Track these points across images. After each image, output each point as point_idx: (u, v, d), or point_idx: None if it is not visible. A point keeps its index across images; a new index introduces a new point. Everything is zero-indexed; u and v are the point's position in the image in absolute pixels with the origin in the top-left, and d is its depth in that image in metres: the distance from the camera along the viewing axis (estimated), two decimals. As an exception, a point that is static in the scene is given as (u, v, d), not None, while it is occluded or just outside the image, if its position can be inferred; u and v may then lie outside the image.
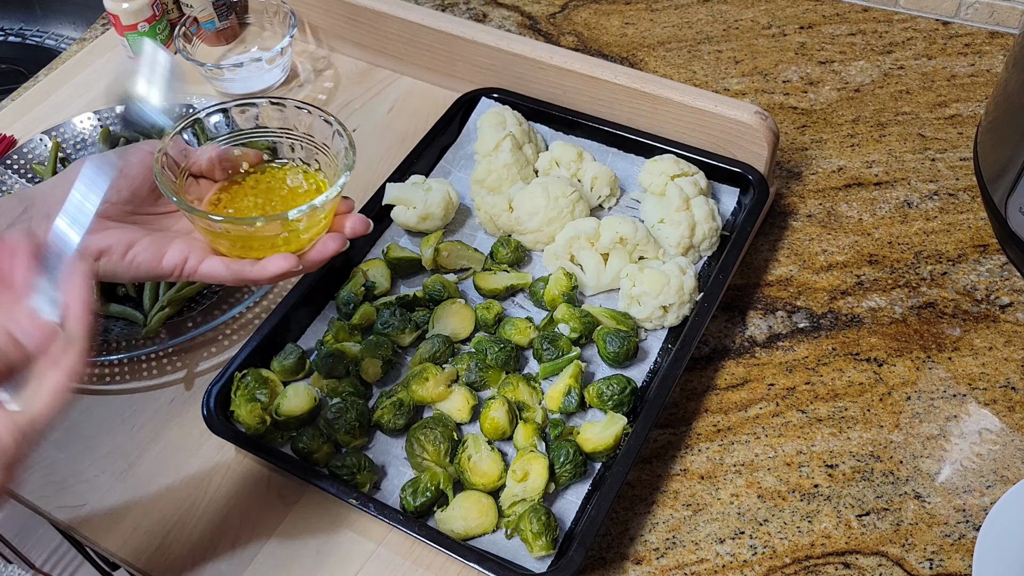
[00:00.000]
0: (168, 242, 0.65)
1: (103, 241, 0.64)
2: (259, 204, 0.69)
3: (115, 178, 0.62)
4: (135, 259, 0.64)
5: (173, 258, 0.65)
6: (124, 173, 0.66)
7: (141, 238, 0.65)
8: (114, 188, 0.63)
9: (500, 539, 0.73)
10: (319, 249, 0.66)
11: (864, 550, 0.74)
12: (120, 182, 0.65)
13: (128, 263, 0.64)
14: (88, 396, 0.85)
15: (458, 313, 0.85)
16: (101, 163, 0.61)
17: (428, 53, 1.08)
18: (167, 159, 0.66)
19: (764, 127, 0.90)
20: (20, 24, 1.53)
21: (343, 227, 0.68)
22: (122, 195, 0.66)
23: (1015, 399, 0.83)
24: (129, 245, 0.64)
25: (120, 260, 0.64)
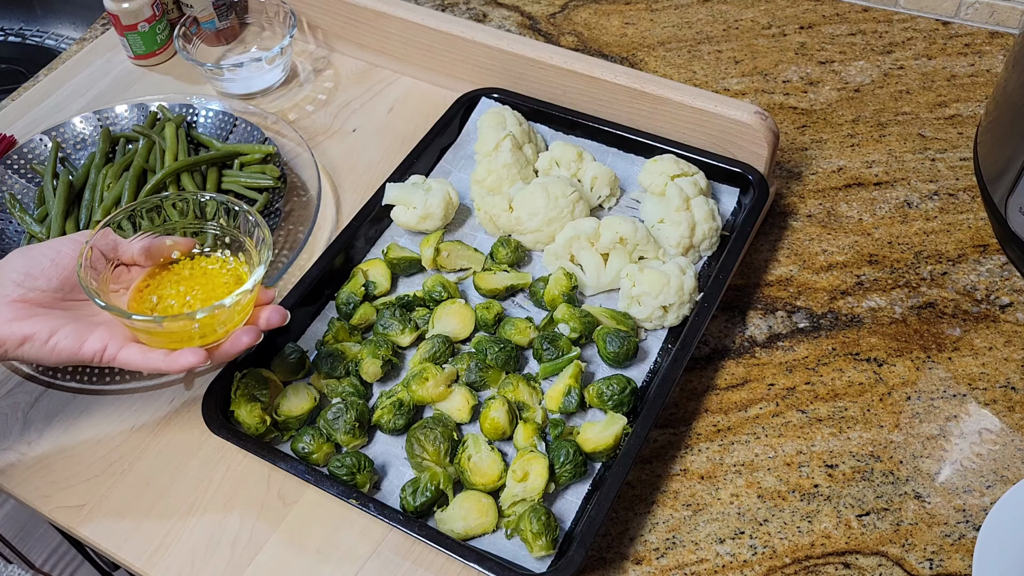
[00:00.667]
0: (90, 330, 0.70)
1: (28, 328, 0.68)
2: (181, 292, 0.73)
3: (47, 267, 0.69)
4: (56, 346, 0.69)
5: (93, 346, 0.69)
6: (56, 263, 0.71)
7: (64, 326, 0.69)
8: (44, 276, 0.70)
9: (500, 539, 0.73)
10: (231, 343, 0.71)
11: (864, 550, 0.74)
12: (51, 271, 0.70)
13: (50, 349, 0.69)
14: (88, 396, 0.85)
15: (458, 313, 0.85)
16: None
17: (428, 53, 1.08)
18: (92, 253, 0.71)
19: (764, 127, 0.90)
20: (20, 24, 1.52)
21: (259, 319, 0.73)
22: (52, 284, 0.71)
23: (1015, 399, 0.83)
24: (52, 332, 0.69)
25: (42, 346, 0.68)
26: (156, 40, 1.15)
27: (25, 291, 0.70)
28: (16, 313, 0.69)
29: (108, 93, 1.14)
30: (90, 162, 0.98)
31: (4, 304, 0.69)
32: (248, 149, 1.00)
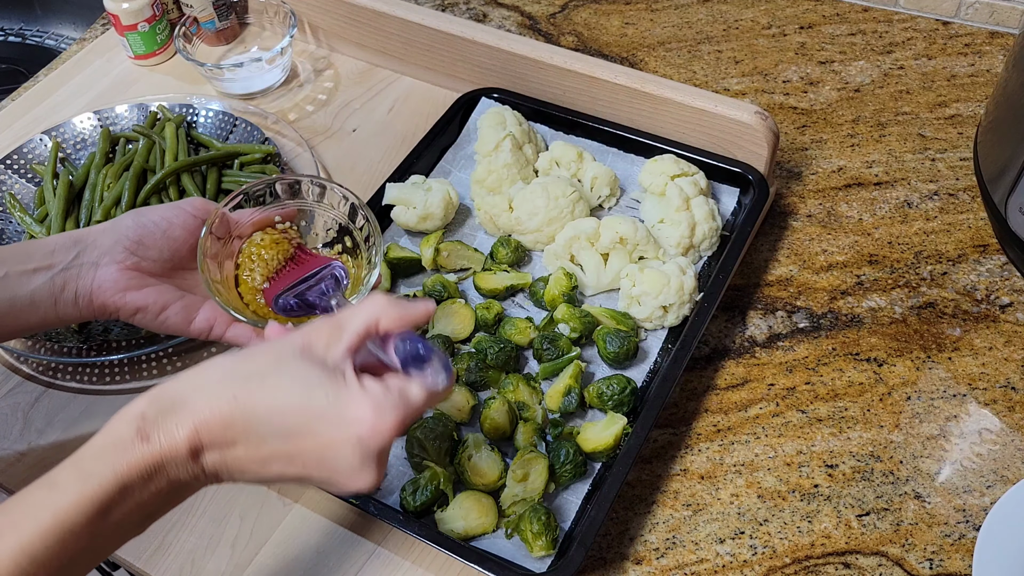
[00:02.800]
0: (197, 306, 0.73)
1: (141, 299, 0.71)
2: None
3: (158, 238, 0.71)
4: (167, 320, 0.72)
5: (200, 325, 0.73)
6: (167, 234, 0.72)
7: (174, 301, 0.72)
8: (156, 247, 0.72)
9: (500, 539, 0.73)
10: None
11: (864, 550, 0.74)
12: (162, 243, 0.72)
13: (160, 323, 0.72)
14: (88, 396, 0.85)
15: (458, 313, 0.85)
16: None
17: (428, 53, 1.08)
18: (216, 225, 0.72)
19: (764, 127, 0.90)
20: (20, 24, 1.52)
21: None
22: (163, 255, 0.73)
23: (1015, 399, 0.83)
24: (163, 307, 0.72)
25: (153, 319, 0.72)
26: (156, 40, 1.15)
27: (138, 260, 0.71)
28: (130, 282, 0.71)
29: (108, 93, 1.14)
30: (90, 162, 0.98)
31: (119, 270, 0.70)
32: (248, 149, 1.00)
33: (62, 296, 0.69)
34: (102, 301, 0.70)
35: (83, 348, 0.86)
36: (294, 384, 0.53)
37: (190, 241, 0.73)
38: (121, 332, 0.87)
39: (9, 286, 0.68)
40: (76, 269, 0.70)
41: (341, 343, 0.55)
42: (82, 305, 0.70)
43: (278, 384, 0.53)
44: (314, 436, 0.53)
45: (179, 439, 0.52)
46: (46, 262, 0.69)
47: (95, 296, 0.70)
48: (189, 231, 0.73)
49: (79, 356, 0.85)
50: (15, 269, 0.68)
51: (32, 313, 0.69)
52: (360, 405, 0.53)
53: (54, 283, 0.69)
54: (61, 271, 0.69)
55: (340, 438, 0.53)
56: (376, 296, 0.57)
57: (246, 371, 0.54)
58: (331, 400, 0.53)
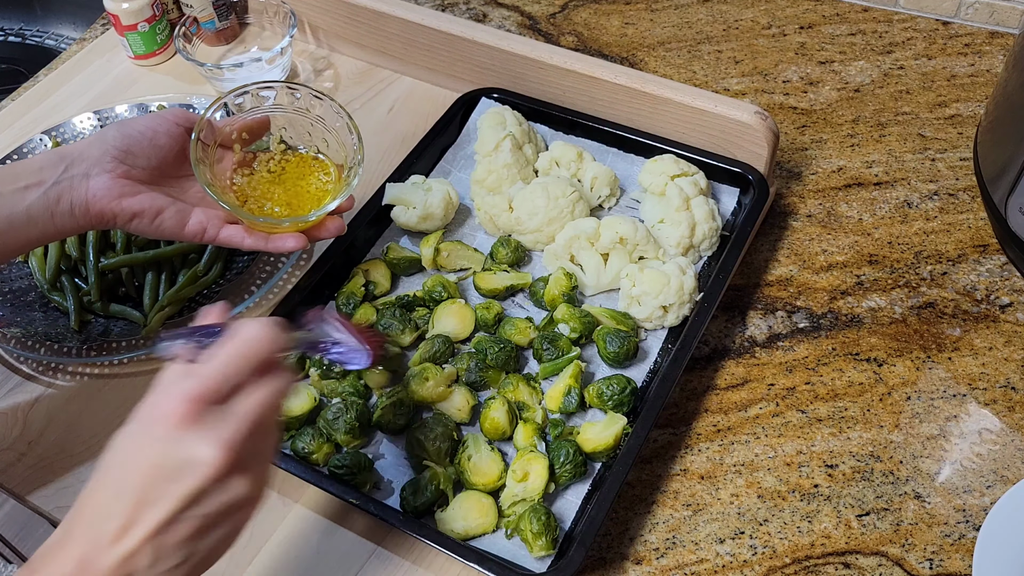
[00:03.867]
0: (189, 212, 0.75)
1: (137, 205, 0.73)
2: (275, 191, 0.79)
3: (145, 147, 0.73)
4: (162, 224, 0.74)
5: (193, 227, 0.75)
6: (153, 142, 0.74)
7: (168, 206, 0.74)
8: (144, 155, 0.73)
9: (500, 539, 0.73)
10: (322, 231, 0.77)
11: (864, 550, 0.74)
12: (150, 151, 0.74)
13: (155, 227, 0.74)
14: (88, 396, 0.85)
15: (458, 313, 0.85)
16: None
17: (428, 53, 1.08)
18: (205, 131, 0.75)
19: (764, 127, 0.90)
20: (20, 24, 1.52)
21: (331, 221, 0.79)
22: (151, 163, 0.74)
23: (1015, 399, 0.83)
24: (158, 211, 0.73)
25: (149, 224, 0.74)
26: (156, 40, 1.15)
27: (127, 168, 0.73)
28: (123, 189, 0.72)
29: (108, 93, 1.14)
30: (90, 162, 0.98)
31: (111, 179, 0.72)
32: (248, 149, 1.00)
33: (58, 208, 0.71)
34: (99, 209, 0.72)
35: (83, 348, 0.86)
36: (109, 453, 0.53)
37: (175, 148, 0.75)
38: (121, 332, 0.87)
39: (3, 205, 0.70)
40: (68, 182, 0.71)
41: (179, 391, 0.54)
42: (79, 215, 0.72)
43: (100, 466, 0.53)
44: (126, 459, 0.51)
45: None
46: (36, 179, 0.70)
47: (91, 205, 0.71)
48: (173, 138, 0.75)
49: (79, 356, 0.85)
50: (7, 188, 0.70)
51: (31, 228, 0.71)
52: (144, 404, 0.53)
53: (48, 197, 0.70)
54: (53, 185, 0.71)
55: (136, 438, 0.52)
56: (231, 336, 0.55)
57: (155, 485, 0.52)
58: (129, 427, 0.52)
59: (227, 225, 0.76)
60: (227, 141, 0.78)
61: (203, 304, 0.89)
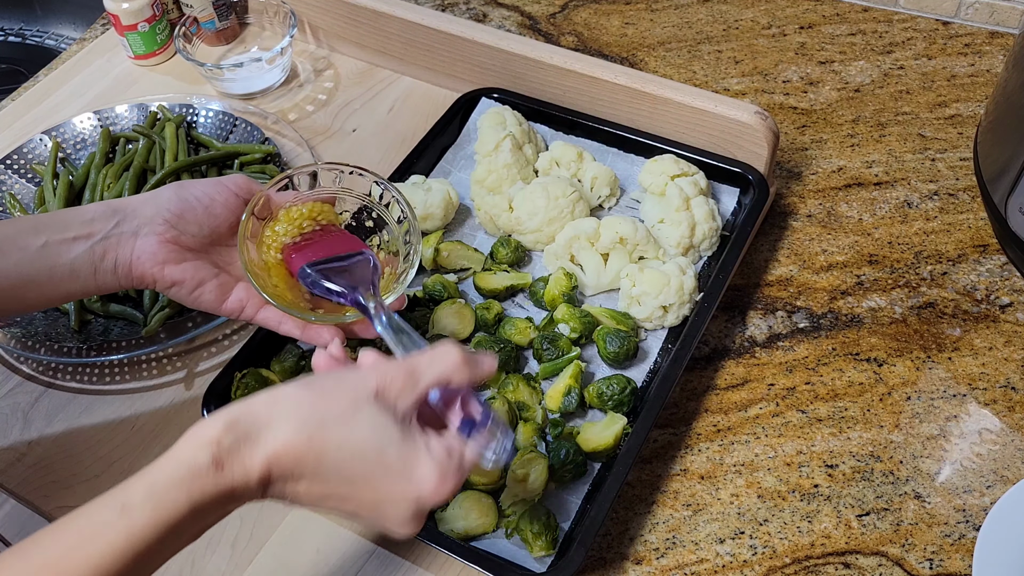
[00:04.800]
0: (232, 286, 0.73)
1: (179, 274, 0.71)
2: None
3: (199, 214, 0.71)
4: (200, 297, 0.72)
5: (232, 306, 0.73)
6: (208, 211, 0.72)
7: (209, 279, 0.72)
8: (196, 223, 0.71)
9: (500, 539, 0.73)
10: (362, 330, 0.74)
11: (864, 550, 0.74)
12: (203, 219, 0.72)
13: (194, 299, 0.72)
14: (88, 396, 0.85)
15: (458, 313, 0.85)
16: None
17: (428, 53, 1.08)
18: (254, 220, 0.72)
19: (764, 127, 0.90)
20: (20, 24, 1.53)
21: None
22: (202, 231, 0.72)
23: (1015, 399, 0.83)
24: (198, 284, 0.72)
25: (188, 294, 0.72)
26: (156, 40, 1.15)
27: (177, 233, 0.71)
28: (168, 255, 0.70)
29: (108, 93, 1.14)
30: (90, 162, 0.98)
31: (159, 242, 0.70)
32: (248, 149, 1.00)
33: (102, 265, 0.69)
34: (141, 272, 0.70)
35: (83, 348, 0.86)
36: (368, 435, 0.55)
37: (230, 219, 0.73)
38: (121, 332, 0.87)
39: (49, 255, 0.68)
40: (116, 238, 0.69)
41: (413, 394, 0.57)
42: (121, 274, 0.70)
43: (352, 432, 0.55)
44: (376, 488, 0.55)
45: (252, 471, 0.53)
46: (85, 231, 0.69)
47: (135, 266, 0.70)
48: (230, 209, 0.73)
49: (79, 356, 0.86)
50: (54, 238, 0.68)
51: (72, 282, 0.69)
52: (425, 467, 0.55)
53: (94, 252, 0.69)
54: (101, 240, 0.69)
55: (400, 495, 0.55)
56: (450, 349, 0.58)
57: (322, 412, 0.55)
58: (400, 457, 0.55)
59: (266, 306, 0.74)
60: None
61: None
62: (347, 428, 0.54)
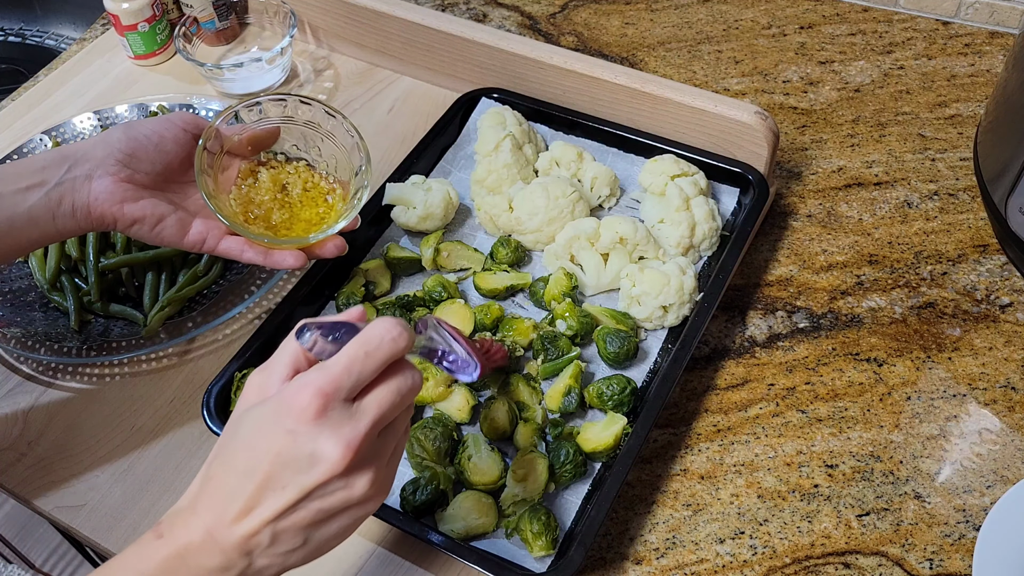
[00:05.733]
0: (190, 221, 0.75)
1: (138, 211, 0.72)
2: (277, 200, 0.79)
3: (150, 151, 0.73)
4: (162, 232, 0.73)
5: (193, 238, 0.74)
6: (159, 147, 0.74)
7: (169, 214, 0.73)
8: (148, 160, 0.73)
9: (500, 539, 0.73)
10: (322, 250, 0.77)
11: (864, 550, 0.74)
12: (155, 155, 0.73)
13: (155, 234, 0.73)
14: (88, 396, 0.85)
15: (458, 313, 0.85)
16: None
17: (428, 53, 1.08)
18: (212, 138, 0.74)
19: (764, 127, 0.90)
20: (20, 24, 1.52)
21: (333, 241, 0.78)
22: (155, 167, 0.73)
23: (1015, 399, 0.83)
24: (159, 219, 0.73)
25: (149, 231, 0.73)
26: (156, 40, 1.15)
27: (131, 172, 0.72)
28: (125, 194, 0.72)
29: (108, 93, 1.14)
30: (90, 162, 0.98)
31: (113, 182, 0.71)
32: (248, 149, 1.00)
33: (59, 210, 0.70)
34: (100, 212, 0.71)
35: (83, 348, 0.86)
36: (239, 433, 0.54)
37: (181, 155, 0.75)
38: (121, 332, 0.87)
39: (5, 206, 0.69)
40: (70, 183, 0.71)
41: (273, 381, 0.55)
42: (80, 217, 0.71)
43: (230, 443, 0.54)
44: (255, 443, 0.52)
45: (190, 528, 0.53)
46: (38, 179, 0.70)
47: (92, 208, 0.71)
48: (180, 144, 0.74)
49: (79, 356, 0.85)
50: (7, 189, 0.69)
51: (32, 229, 0.70)
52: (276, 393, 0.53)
53: (50, 198, 0.70)
54: (55, 186, 0.70)
55: (267, 425, 0.52)
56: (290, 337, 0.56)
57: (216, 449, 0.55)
58: (261, 410, 0.53)
59: (227, 236, 0.75)
60: (235, 149, 0.78)
61: (203, 304, 0.89)
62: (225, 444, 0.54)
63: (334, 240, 0.77)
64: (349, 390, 0.52)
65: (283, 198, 0.79)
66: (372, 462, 0.54)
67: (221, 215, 0.72)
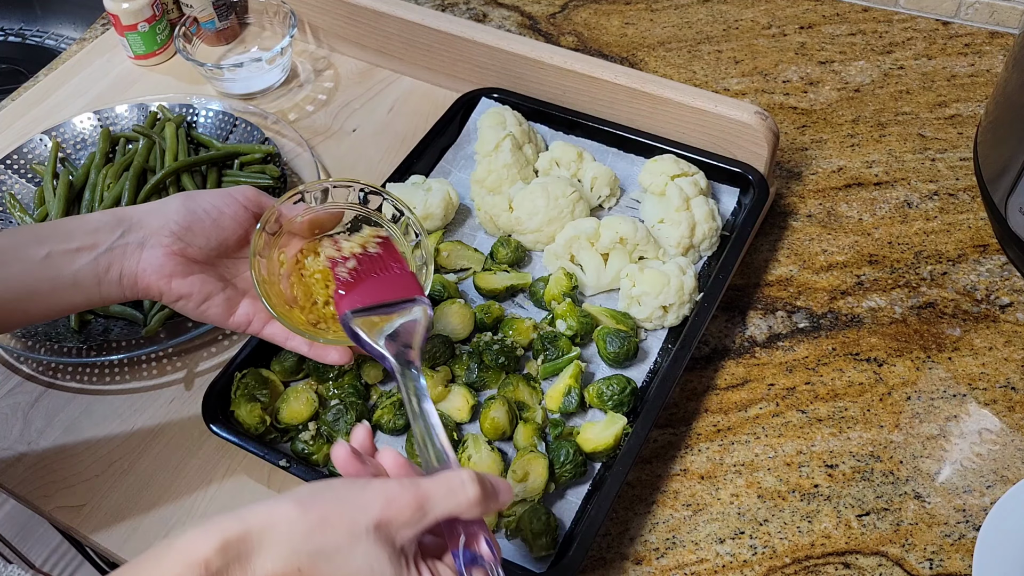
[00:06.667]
0: (239, 300, 0.73)
1: (186, 288, 0.70)
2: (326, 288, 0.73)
3: (207, 226, 0.70)
4: (207, 310, 0.71)
5: (238, 320, 0.72)
6: (216, 223, 0.71)
7: (216, 293, 0.71)
8: (204, 235, 0.70)
9: (500, 539, 0.73)
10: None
11: (864, 550, 0.74)
12: (211, 231, 0.70)
13: (200, 313, 0.71)
14: (88, 396, 0.85)
15: (458, 313, 0.85)
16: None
17: (428, 53, 1.08)
18: (272, 219, 0.71)
19: (764, 127, 0.90)
20: (20, 24, 1.53)
21: None
22: (210, 243, 0.71)
23: (1015, 399, 0.83)
24: (206, 297, 0.71)
25: (195, 308, 0.71)
26: (156, 40, 1.15)
27: (184, 245, 0.69)
28: (175, 268, 0.69)
29: (108, 93, 1.14)
30: (90, 162, 0.98)
31: (165, 255, 0.68)
32: (248, 149, 1.00)
33: (106, 277, 0.67)
34: (147, 284, 0.69)
35: (83, 348, 0.86)
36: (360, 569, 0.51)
37: (238, 232, 0.72)
38: (121, 332, 0.87)
39: (52, 266, 0.66)
40: (121, 249, 0.68)
41: (416, 528, 0.53)
42: (126, 286, 0.69)
43: (343, 567, 0.51)
44: None
45: None
46: (89, 241, 0.67)
47: (140, 279, 0.68)
48: (239, 222, 0.71)
49: (79, 356, 0.86)
50: (57, 248, 0.66)
51: (75, 294, 0.67)
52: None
53: (98, 263, 0.67)
54: (105, 251, 0.67)
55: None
56: (468, 481, 0.54)
57: (317, 544, 0.51)
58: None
59: (273, 321, 0.72)
60: (295, 230, 0.73)
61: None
62: (339, 562, 0.51)
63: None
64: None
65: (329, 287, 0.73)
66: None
67: (268, 304, 0.69)
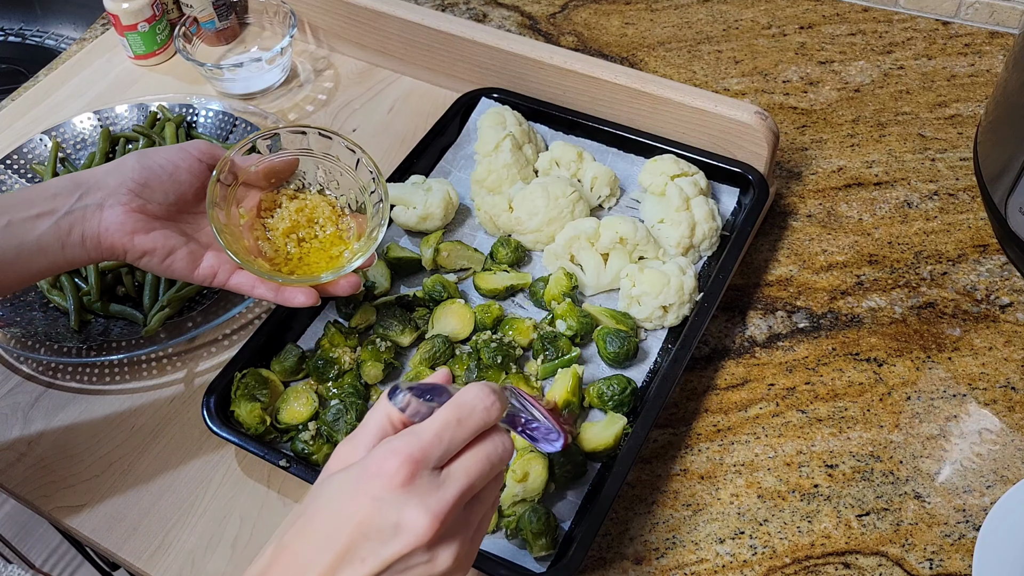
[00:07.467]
0: (202, 253, 0.73)
1: (149, 243, 0.70)
2: (294, 234, 0.77)
3: (164, 181, 0.71)
4: (172, 265, 0.72)
5: (204, 272, 0.73)
6: (173, 177, 0.72)
7: (180, 247, 0.72)
8: (161, 190, 0.71)
9: (500, 539, 0.73)
10: (334, 289, 0.75)
11: (864, 550, 0.74)
12: (168, 186, 0.71)
13: (165, 267, 0.72)
14: (88, 396, 0.85)
15: (458, 313, 0.85)
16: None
17: (428, 53, 1.08)
18: (226, 170, 0.73)
19: (764, 127, 0.90)
20: (20, 24, 1.53)
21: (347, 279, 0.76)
22: (168, 198, 0.72)
23: (1015, 399, 0.83)
24: (170, 251, 0.71)
25: (159, 263, 0.71)
26: (156, 40, 1.15)
27: (143, 202, 0.70)
28: (136, 225, 0.70)
29: (108, 93, 1.14)
30: (90, 162, 0.98)
31: (125, 212, 0.69)
32: (248, 149, 1.00)
33: (69, 239, 0.69)
34: (110, 243, 0.69)
35: (83, 348, 0.86)
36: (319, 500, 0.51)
37: (195, 185, 0.73)
38: (121, 332, 0.87)
39: (14, 233, 0.67)
40: (81, 211, 0.69)
41: (360, 449, 0.52)
42: (90, 247, 0.70)
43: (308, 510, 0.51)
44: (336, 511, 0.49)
45: None
46: (49, 206, 0.68)
47: (103, 238, 0.69)
48: (195, 175, 0.72)
49: (79, 356, 0.86)
50: (18, 216, 0.67)
51: (40, 258, 0.69)
52: (361, 459, 0.51)
53: (59, 227, 0.68)
54: (65, 214, 0.68)
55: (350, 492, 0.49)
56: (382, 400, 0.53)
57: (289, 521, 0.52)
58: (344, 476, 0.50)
59: (239, 271, 0.74)
60: (251, 181, 0.75)
61: (203, 304, 0.89)
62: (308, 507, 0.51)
63: (347, 278, 0.75)
64: (439, 458, 0.50)
65: (304, 231, 0.77)
66: (457, 535, 0.50)
67: (230, 251, 0.70)
